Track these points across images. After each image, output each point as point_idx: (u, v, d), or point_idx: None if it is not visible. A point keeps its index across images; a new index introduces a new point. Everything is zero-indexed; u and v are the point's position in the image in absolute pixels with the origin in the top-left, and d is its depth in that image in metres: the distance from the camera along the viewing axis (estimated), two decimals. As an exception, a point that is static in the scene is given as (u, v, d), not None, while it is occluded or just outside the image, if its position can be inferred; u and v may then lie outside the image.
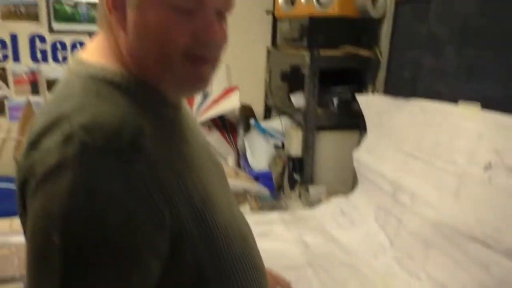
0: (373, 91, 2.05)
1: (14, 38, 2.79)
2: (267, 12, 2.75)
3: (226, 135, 2.96)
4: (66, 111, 0.63)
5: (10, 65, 2.83)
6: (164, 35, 0.67)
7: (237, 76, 3.04)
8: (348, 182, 2.18)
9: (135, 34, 0.69)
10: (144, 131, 0.64)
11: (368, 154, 1.81)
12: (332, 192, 2.13)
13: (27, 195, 0.61)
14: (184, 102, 0.85)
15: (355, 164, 1.94)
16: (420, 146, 1.47)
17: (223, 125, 2.97)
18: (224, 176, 0.91)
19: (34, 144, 0.62)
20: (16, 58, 2.82)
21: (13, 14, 2.75)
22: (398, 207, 1.53)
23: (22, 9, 2.76)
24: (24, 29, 2.79)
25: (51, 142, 0.60)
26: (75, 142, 0.58)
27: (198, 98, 2.89)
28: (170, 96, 0.75)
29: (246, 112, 2.93)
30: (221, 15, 0.72)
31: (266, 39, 2.93)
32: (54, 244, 0.56)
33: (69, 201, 0.56)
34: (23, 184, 0.62)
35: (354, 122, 2.13)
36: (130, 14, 0.68)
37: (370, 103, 1.87)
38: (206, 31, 0.69)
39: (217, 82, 2.99)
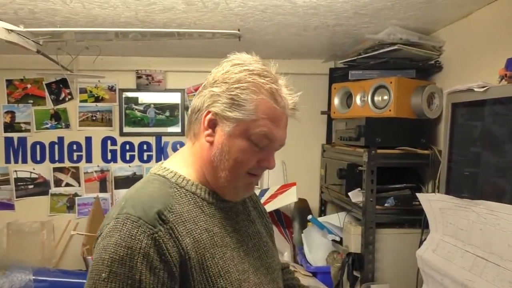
0: (433, 190, 2.08)
1: (88, 140, 3.08)
2: (323, 112, 2.92)
3: (282, 229, 3.00)
4: (128, 193, 0.99)
5: (82, 165, 3.08)
6: (241, 159, 0.98)
7: (293, 172, 3.15)
8: (412, 281, 2.13)
9: (220, 151, 0.99)
10: (171, 208, 0.93)
11: (434, 254, 1.79)
12: (395, 292, 2.08)
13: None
14: (241, 205, 1.13)
15: (419, 263, 1.91)
16: (490, 248, 1.46)
17: (279, 219, 3.03)
18: (267, 263, 1.11)
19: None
20: (89, 158, 3.08)
21: (90, 120, 3.06)
22: (470, 311, 1.48)
23: (98, 115, 3.07)
24: (98, 133, 3.09)
25: (113, 212, 0.94)
26: (123, 213, 0.90)
27: (256, 193, 2.98)
28: (222, 195, 1.03)
29: (302, 206, 2.99)
30: (275, 149, 1.04)
31: (320, 137, 3.07)
32: (102, 278, 0.85)
33: (115, 251, 0.86)
34: None
35: (414, 220, 2.14)
36: (220, 135, 0.99)
37: (432, 202, 1.89)
38: (268, 161, 1.02)
39: (274, 178, 3.10)
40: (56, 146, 3.06)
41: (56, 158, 3.06)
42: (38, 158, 3.05)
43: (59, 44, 2.33)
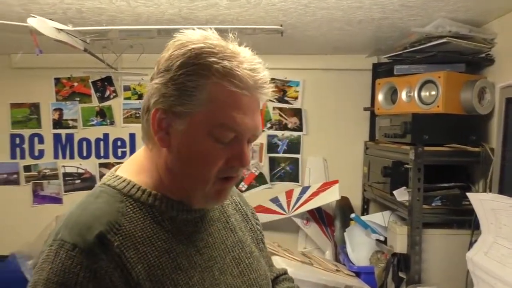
0: (484, 189, 1.98)
1: (132, 137, 3.14)
2: (366, 109, 2.85)
3: (324, 228, 2.96)
4: (67, 212, 0.81)
5: (127, 161, 3.15)
6: (204, 158, 0.80)
7: (334, 170, 3.10)
8: (461, 283, 2.04)
9: (178, 154, 0.81)
10: (118, 229, 0.76)
11: (486, 256, 1.71)
12: (442, 294, 2.01)
13: None
14: (217, 210, 0.96)
15: (469, 265, 1.83)
16: (550, 251, 1.38)
17: (320, 217, 2.99)
18: (251, 279, 0.93)
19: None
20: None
21: (133, 117, 3.12)
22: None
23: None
24: (141, 130, 3.13)
25: (49, 236, 0.78)
26: (57, 239, 0.75)
27: (297, 190, 2.96)
28: (180, 201, 0.85)
29: (344, 204, 2.94)
30: (248, 141, 0.85)
31: (363, 134, 3.00)
32: None
33: None
34: None
35: (464, 220, 2.05)
36: (175, 136, 0.80)
37: (484, 202, 1.80)
38: (240, 158, 0.82)
39: (315, 176, 3.06)
40: (102, 143, 3.14)
41: (102, 154, 3.14)
42: (85, 154, 3.14)
43: (104, 43, 2.38)
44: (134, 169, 0.88)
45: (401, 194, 2.21)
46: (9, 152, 3.11)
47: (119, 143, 3.14)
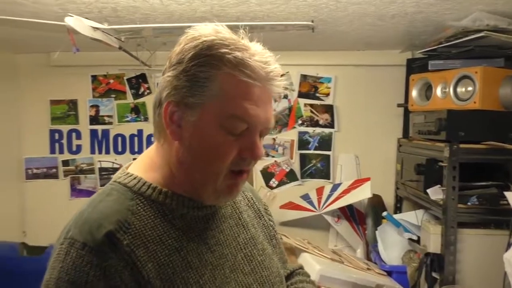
0: (524, 188, 1.92)
1: (166, 132, 3.19)
2: (399, 105, 2.79)
3: (355, 226, 2.93)
4: (78, 209, 0.81)
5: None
6: (216, 150, 0.79)
7: (366, 167, 3.06)
8: (497, 285, 1.98)
9: (189, 148, 0.80)
10: (127, 227, 0.76)
11: (524, 257, 1.65)
12: (477, 296, 1.95)
13: None
14: (229, 206, 0.95)
15: (507, 267, 1.77)
16: None
17: (352, 215, 2.96)
18: (263, 277, 0.92)
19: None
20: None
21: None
22: None
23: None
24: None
25: (61, 233, 0.78)
26: (68, 237, 0.75)
27: (328, 187, 2.94)
28: (191, 198, 0.84)
29: (375, 202, 2.90)
30: (260, 135, 0.83)
31: (396, 131, 2.94)
32: None
33: None
34: None
35: (501, 221, 1.98)
36: (187, 129, 0.80)
37: (523, 201, 1.74)
38: (251, 150, 0.81)
39: (347, 173, 3.03)
40: (136, 138, 3.21)
41: (136, 150, 3.21)
42: (120, 149, 3.22)
43: (138, 41, 2.43)
44: (145, 166, 0.87)
45: (435, 193, 2.16)
46: (49, 147, 3.23)
47: (152, 139, 3.18)
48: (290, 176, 3.13)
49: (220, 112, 0.78)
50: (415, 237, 2.39)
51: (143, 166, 0.88)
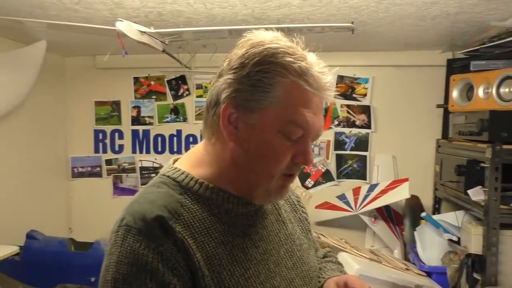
0: None
1: (204, 133, 3.26)
2: (439, 106, 2.77)
3: (392, 226, 2.92)
4: (131, 200, 0.84)
5: (198, 156, 3.29)
6: (272, 154, 0.81)
7: (404, 168, 3.04)
8: (541, 289, 1.95)
9: (246, 150, 0.82)
10: (178, 217, 0.79)
11: None
12: (521, 299, 1.93)
13: None
14: (264, 205, 0.94)
15: (552, 269, 1.75)
16: None
17: (389, 215, 2.95)
18: (303, 271, 0.94)
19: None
20: (203, 149, 3.27)
21: (206, 114, 3.24)
22: None
23: (213, 108, 3.24)
24: (211, 126, 3.25)
25: (115, 223, 0.81)
26: (122, 225, 0.78)
27: (365, 188, 2.95)
28: (236, 194, 0.86)
29: (413, 203, 2.88)
30: (312, 140, 0.86)
31: (435, 131, 2.92)
32: None
33: (117, 271, 0.75)
34: None
35: (546, 222, 1.96)
36: (245, 130, 0.81)
37: None
38: (304, 155, 0.83)
39: (384, 173, 3.03)
40: (175, 138, 3.30)
41: (175, 149, 3.31)
42: (160, 149, 3.32)
43: (179, 43, 2.52)
44: (193, 162, 0.89)
45: (476, 194, 2.14)
46: (93, 146, 3.36)
47: (191, 139, 3.29)
48: (326, 177, 3.15)
49: (281, 117, 0.80)
50: (455, 238, 2.37)
51: (190, 162, 0.90)
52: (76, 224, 3.41)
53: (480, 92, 2.25)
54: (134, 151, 3.34)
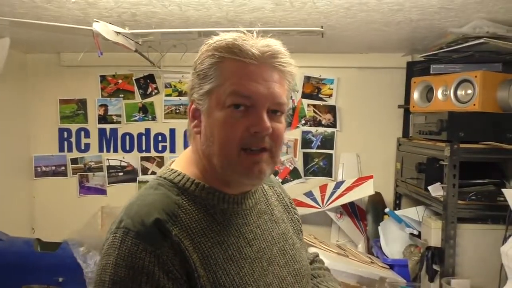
0: (520, 186, 2.04)
1: (172, 132, 3.28)
2: (400, 106, 2.92)
3: (356, 221, 3.04)
4: (128, 201, 0.88)
5: (167, 155, 3.29)
6: (223, 126, 0.86)
7: (367, 165, 3.18)
8: (494, 276, 2.11)
9: (205, 135, 0.89)
10: (175, 219, 0.82)
11: (521, 250, 1.78)
12: (476, 287, 2.08)
13: None
14: (263, 202, 1.01)
15: (504, 259, 1.90)
16: None
17: (353, 211, 3.08)
18: (295, 270, 0.99)
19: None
20: (173, 149, 3.29)
21: (174, 113, 3.26)
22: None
23: (181, 108, 3.26)
24: (181, 125, 3.27)
25: (113, 223, 0.85)
26: (121, 227, 0.82)
27: (331, 185, 3.06)
28: (231, 194, 0.92)
29: (376, 199, 3.02)
30: (274, 114, 0.89)
31: (396, 131, 3.07)
32: None
33: (115, 273, 0.78)
34: None
35: (498, 216, 2.11)
36: (202, 120, 0.90)
37: (520, 198, 1.87)
38: (258, 124, 0.86)
39: (348, 171, 3.15)
40: (144, 137, 3.29)
41: (143, 148, 3.29)
42: (128, 148, 3.30)
43: (150, 43, 2.52)
44: (184, 162, 0.95)
45: (436, 190, 2.28)
46: (58, 145, 3.30)
47: (160, 137, 3.29)
48: (294, 174, 3.24)
49: (223, 93, 0.86)
50: (416, 232, 2.51)
51: (183, 163, 0.95)
52: (40, 224, 3.32)
53: (439, 94, 2.39)
54: (101, 150, 3.30)
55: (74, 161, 3.30)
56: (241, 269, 0.86)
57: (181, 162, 0.96)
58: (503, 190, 2.00)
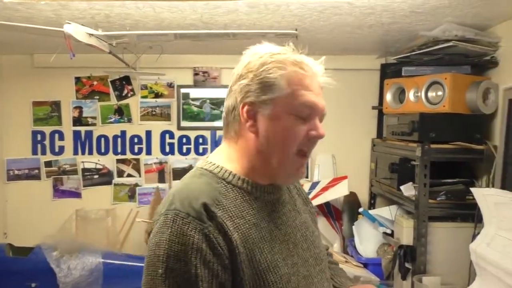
0: (487, 185, 2.10)
1: (148, 134, 3.27)
2: (374, 107, 2.97)
3: (332, 221, 3.08)
4: (176, 188, 0.99)
5: (143, 157, 3.28)
6: (288, 136, 0.97)
7: (342, 166, 3.22)
8: (464, 273, 2.16)
9: (266, 137, 0.98)
10: (218, 203, 0.93)
11: (488, 247, 1.83)
12: (446, 284, 2.13)
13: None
14: (287, 194, 1.13)
15: (472, 256, 1.95)
16: (548, 241, 1.49)
17: (329, 211, 3.11)
18: (315, 253, 1.10)
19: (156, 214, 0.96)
20: (149, 151, 3.28)
21: (150, 115, 3.25)
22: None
23: (157, 110, 3.25)
24: (157, 127, 3.27)
25: (161, 207, 0.94)
26: (171, 209, 0.91)
27: (307, 185, 3.08)
28: (263, 184, 1.02)
29: (351, 199, 3.06)
30: (319, 120, 1.02)
31: (370, 132, 3.12)
32: (159, 274, 0.87)
33: (169, 248, 0.87)
34: None
35: (467, 214, 2.17)
36: (263, 122, 0.98)
37: (487, 196, 1.92)
38: (316, 129, 0.99)
39: (324, 171, 3.18)
40: (119, 139, 3.27)
41: (119, 150, 3.27)
42: (103, 150, 3.27)
43: (125, 45, 2.50)
44: (224, 158, 1.04)
45: (408, 189, 2.33)
46: (31, 148, 3.24)
47: (136, 139, 3.27)
48: (270, 175, 3.24)
49: (290, 102, 0.96)
50: (389, 231, 2.56)
51: (222, 159, 1.04)
52: (12, 229, 3.26)
53: (411, 95, 2.44)
54: (75, 153, 3.26)
55: (48, 164, 3.25)
56: (272, 248, 0.98)
57: (220, 158, 1.05)
58: (472, 189, 2.05)
